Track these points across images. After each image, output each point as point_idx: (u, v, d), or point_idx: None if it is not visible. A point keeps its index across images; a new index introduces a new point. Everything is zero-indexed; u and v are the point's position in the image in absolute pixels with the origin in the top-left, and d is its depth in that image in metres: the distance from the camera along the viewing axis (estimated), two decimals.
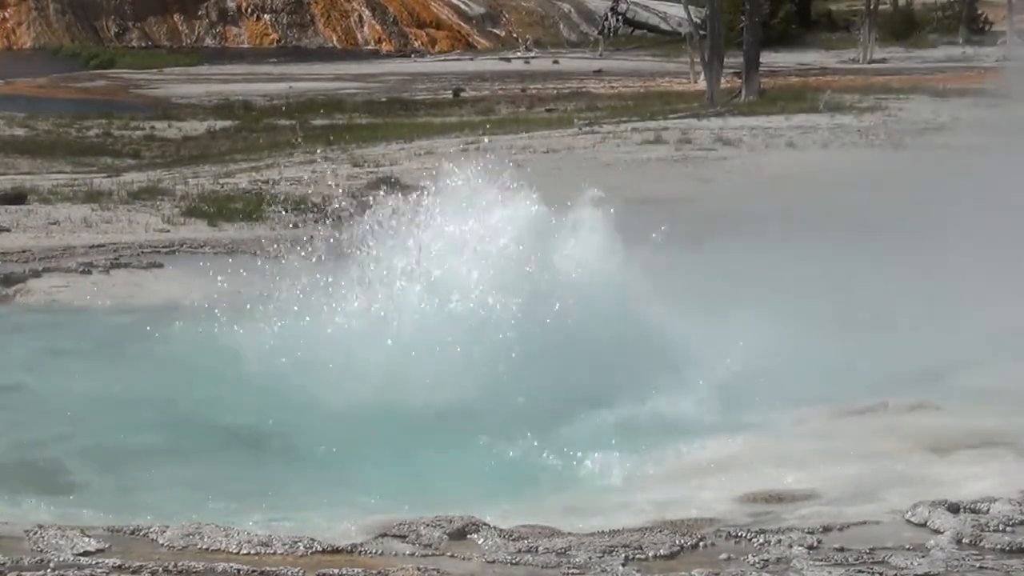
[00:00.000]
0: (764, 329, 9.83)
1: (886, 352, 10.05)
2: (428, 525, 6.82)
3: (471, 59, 54.63)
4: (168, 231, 15.94)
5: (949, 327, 10.38)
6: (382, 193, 10.94)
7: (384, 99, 39.17)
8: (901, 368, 9.76)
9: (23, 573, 5.97)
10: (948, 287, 11.02)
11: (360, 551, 6.53)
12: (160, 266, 13.71)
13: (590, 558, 6.46)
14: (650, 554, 6.54)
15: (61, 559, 6.14)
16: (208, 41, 61.32)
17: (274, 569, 6.10)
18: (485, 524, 6.90)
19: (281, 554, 6.39)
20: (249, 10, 62.40)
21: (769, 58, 41.13)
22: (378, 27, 62.01)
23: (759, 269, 11.35)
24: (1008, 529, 6.84)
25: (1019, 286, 10.78)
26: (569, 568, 6.36)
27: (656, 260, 10.08)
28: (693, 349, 9.62)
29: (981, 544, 6.66)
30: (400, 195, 10.65)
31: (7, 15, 59.24)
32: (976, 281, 11.03)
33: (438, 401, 8.89)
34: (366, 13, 62.44)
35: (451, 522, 6.86)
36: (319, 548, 6.46)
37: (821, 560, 6.44)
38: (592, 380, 9.10)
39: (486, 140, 22.42)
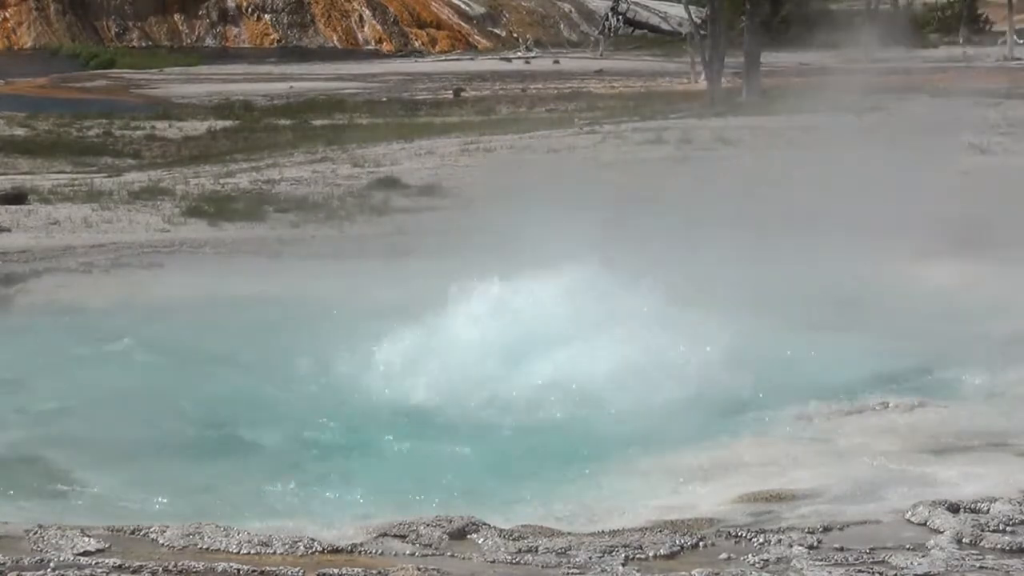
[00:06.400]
0: None
1: None
2: (428, 525, 6.82)
3: (471, 59, 54.67)
4: (169, 231, 15.95)
5: None
6: None
7: (384, 99, 39.19)
8: None
9: (23, 573, 5.97)
10: None
11: (360, 551, 6.53)
12: (161, 266, 13.72)
13: (590, 558, 6.46)
14: (650, 554, 6.54)
15: (61, 559, 6.14)
16: (208, 41, 61.39)
17: (274, 569, 6.10)
18: (485, 524, 6.90)
19: (281, 554, 6.38)
20: (249, 10, 62.44)
21: (770, 58, 41.14)
22: (378, 27, 62.04)
23: None
24: (1008, 529, 6.83)
25: None
26: (569, 568, 6.36)
27: None
28: None
29: (981, 544, 6.65)
30: None
31: (7, 15, 59.30)
32: None
33: None
34: (366, 13, 62.48)
35: (451, 522, 6.86)
36: (319, 548, 6.46)
37: (821, 560, 6.44)
38: None
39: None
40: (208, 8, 62.07)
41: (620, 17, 59.30)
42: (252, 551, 6.40)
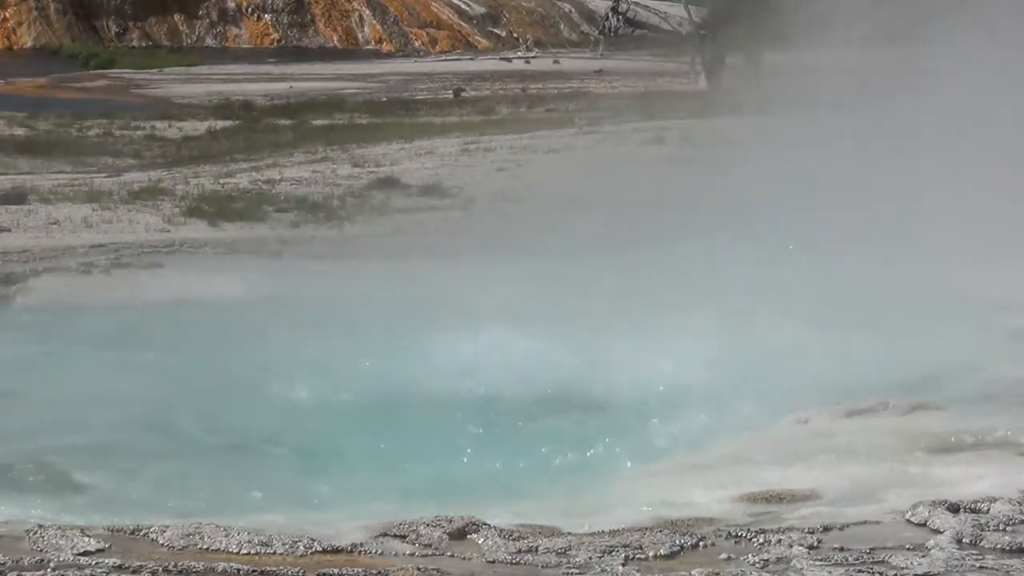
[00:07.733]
0: None
1: None
2: (428, 525, 6.82)
3: (471, 59, 54.63)
4: (169, 231, 15.96)
5: None
6: None
7: (384, 99, 39.18)
8: None
9: (23, 573, 5.97)
10: None
11: (360, 551, 6.53)
12: (161, 266, 13.73)
13: (590, 558, 6.47)
14: (650, 554, 6.54)
15: (61, 559, 6.15)
16: (208, 41, 61.32)
17: (274, 569, 6.11)
18: (485, 524, 6.90)
19: (281, 554, 6.39)
20: (249, 10, 62.40)
21: (770, 58, 41.05)
22: (378, 27, 62.01)
23: None
24: (1008, 529, 6.84)
25: None
26: (569, 568, 6.37)
27: None
28: None
29: (981, 544, 6.66)
30: None
31: (7, 15, 59.23)
32: None
33: None
34: (366, 13, 62.45)
35: (451, 522, 6.86)
36: (319, 548, 6.47)
37: (821, 560, 6.44)
38: None
39: None
40: (208, 8, 62.02)
41: (620, 17, 59.29)
42: (252, 551, 6.41)
